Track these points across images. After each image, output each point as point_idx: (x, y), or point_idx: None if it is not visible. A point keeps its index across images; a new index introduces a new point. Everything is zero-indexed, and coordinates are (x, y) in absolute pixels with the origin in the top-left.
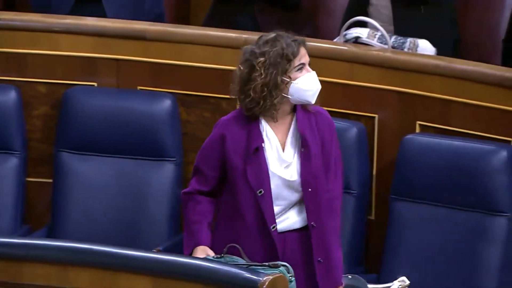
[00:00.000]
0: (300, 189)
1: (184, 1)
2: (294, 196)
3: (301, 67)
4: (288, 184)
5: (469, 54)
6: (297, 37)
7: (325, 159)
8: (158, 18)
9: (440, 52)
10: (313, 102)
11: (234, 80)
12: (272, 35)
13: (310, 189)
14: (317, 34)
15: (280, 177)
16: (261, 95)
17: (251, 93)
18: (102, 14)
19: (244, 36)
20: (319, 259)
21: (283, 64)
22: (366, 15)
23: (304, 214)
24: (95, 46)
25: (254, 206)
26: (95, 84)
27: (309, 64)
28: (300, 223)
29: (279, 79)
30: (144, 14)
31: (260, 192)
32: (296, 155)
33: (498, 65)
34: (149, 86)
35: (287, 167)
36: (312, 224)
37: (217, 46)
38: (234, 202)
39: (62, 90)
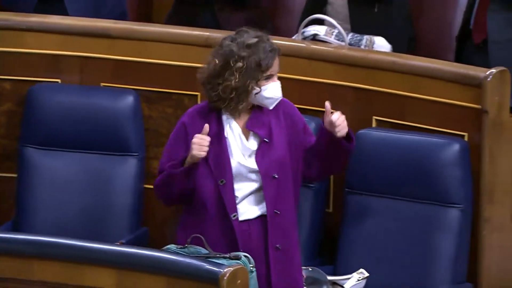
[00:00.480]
0: (260, 177)
1: (146, 0)
2: (256, 185)
3: (270, 77)
4: (250, 172)
5: (423, 51)
6: (275, 46)
7: (295, 147)
8: (120, 16)
9: (395, 49)
10: (270, 108)
11: (205, 66)
12: (254, 40)
13: (272, 178)
14: (276, 31)
15: (242, 166)
16: (229, 96)
17: (219, 90)
18: (64, 13)
19: (206, 34)
20: (277, 245)
21: (257, 74)
22: (323, 13)
23: (264, 203)
24: (60, 44)
25: (215, 195)
26: (59, 81)
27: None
28: (261, 211)
29: (250, 86)
30: (106, 13)
31: (222, 181)
32: (258, 144)
33: (452, 61)
34: (112, 83)
35: (250, 155)
36: (275, 212)
37: (180, 43)
38: (197, 192)
39: (27, 87)
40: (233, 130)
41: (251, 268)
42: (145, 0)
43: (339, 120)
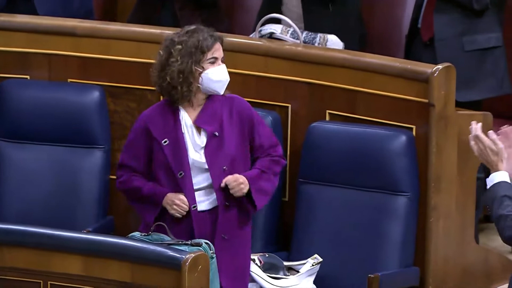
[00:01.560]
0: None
1: (110, 0)
2: (210, 178)
3: (213, 60)
4: (202, 166)
5: (374, 48)
6: (215, 33)
7: (251, 137)
8: (87, 15)
9: (347, 46)
10: (221, 92)
11: (154, 65)
12: (192, 27)
13: (222, 171)
14: (233, 30)
15: (195, 160)
16: (177, 81)
17: (168, 78)
18: (34, 12)
19: (166, 32)
20: (224, 235)
21: (198, 55)
22: (279, 13)
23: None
24: (28, 41)
25: (176, 188)
26: (28, 77)
27: (223, 61)
28: (216, 203)
29: (193, 68)
30: (73, 12)
31: (181, 174)
32: (207, 139)
33: (402, 58)
34: (78, 79)
35: (201, 149)
36: (226, 204)
37: (142, 41)
38: (159, 184)
39: None
40: (187, 125)
41: (212, 254)
42: None
43: (231, 185)
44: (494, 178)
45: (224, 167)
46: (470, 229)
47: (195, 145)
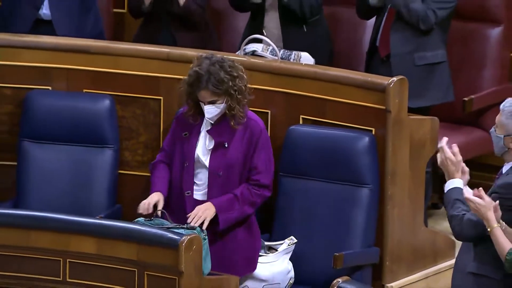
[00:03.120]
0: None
1: (118, 23)
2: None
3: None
4: (204, 164)
5: (340, 64)
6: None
7: (249, 157)
8: (98, 36)
9: (318, 61)
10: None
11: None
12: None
13: (217, 175)
14: (222, 48)
15: (200, 158)
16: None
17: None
18: (54, 33)
19: (166, 50)
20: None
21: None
22: (261, 34)
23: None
24: (50, 58)
25: (180, 174)
26: (50, 88)
27: None
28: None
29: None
30: (87, 33)
31: (186, 164)
32: (214, 146)
33: (363, 71)
34: (92, 89)
35: (208, 153)
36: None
37: (145, 57)
38: (172, 168)
39: (24, 92)
40: (204, 133)
41: (204, 236)
42: (118, 22)
43: (190, 218)
44: (450, 184)
45: (220, 173)
46: (420, 215)
47: (204, 147)
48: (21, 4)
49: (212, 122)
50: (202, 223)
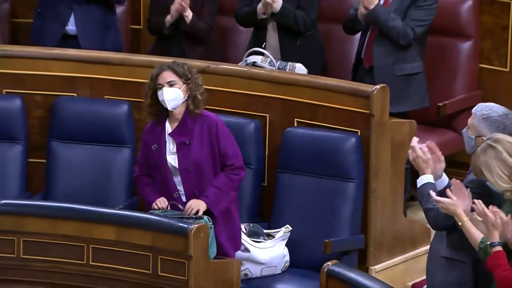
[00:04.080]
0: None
1: (135, 37)
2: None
3: (160, 86)
4: (176, 166)
5: (330, 73)
6: (166, 63)
7: (216, 148)
8: (118, 49)
9: (310, 71)
10: (169, 108)
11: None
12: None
13: (187, 170)
14: (227, 60)
15: (170, 163)
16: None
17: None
18: (79, 47)
19: (177, 61)
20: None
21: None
22: (263, 48)
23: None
24: (75, 68)
25: (162, 181)
26: (75, 94)
27: (172, 84)
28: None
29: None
30: (108, 47)
31: (163, 171)
32: (177, 147)
33: (350, 80)
34: (112, 96)
35: (173, 154)
36: (195, 193)
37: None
38: (153, 177)
39: (53, 99)
40: (168, 138)
41: (211, 225)
42: (135, 37)
43: (184, 212)
44: (422, 180)
45: (190, 168)
46: (400, 206)
47: (169, 150)
48: (50, 21)
49: (172, 109)
50: (197, 211)
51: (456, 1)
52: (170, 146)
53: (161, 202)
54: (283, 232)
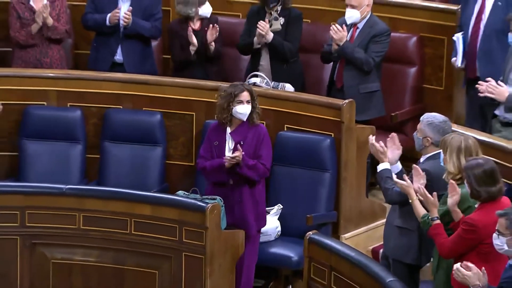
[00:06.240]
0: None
1: (166, 64)
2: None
3: (240, 102)
4: None
5: (310, 91)
6: (245, 84)
7: (257, 150)
8: (153, 73)
9: (296, 90)
10: (244, 119)
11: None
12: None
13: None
14: (232, 80)
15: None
16: (220, 112)
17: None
18: (124, 71)
19: (197, 82)
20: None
21: (230, 98)
22: (258, 70)
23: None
24: (121, 87)
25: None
26: (121, 107)
27: (248, 102)
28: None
29: (226, 105)
30: (147, 71)
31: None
32: (234, 145)
33: (325, 96)
34: (149, 108)
35: (230, 151)
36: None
37: (183, 87)
38: None
39: (104, 110)
40: (228, 137)
41: (222, 204)
42: (166, 64)
43: (231, 156)
44: (381, 166)
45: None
46: (363, 190)
47: (228, 146)
48: (102, 52)
49: (244, 119)
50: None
51: (404, 37)
52: (229, 143)
53: (227, 158)
54: (276, 209)
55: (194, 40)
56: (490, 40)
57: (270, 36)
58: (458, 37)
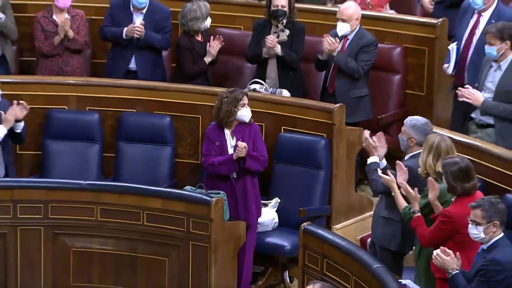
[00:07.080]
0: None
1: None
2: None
3: (243, 105)
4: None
5: (309, 97)
6: (244, 90)
7: (254, 145)
8: (163, 80)
9: (296, 95)
10: (247, 121)
11: (215, 107)
12: (231, 89)
13: (239, 158)
14: (234, 87)
15: (230, 152)
16: (224, 116)
17: (221, 114)
18: (137, 78)
19: (203, 88)
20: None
21: (235, 102)
22: (266, 77)
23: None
24: (135, 93)
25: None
26: (134, 110)
27: (248, 105)
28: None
29: (232, 109)
30: (157, 78)
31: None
32: (235, 142)
33: (318, 101)
34: (159, 111)
35: (232, 147)
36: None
37: (190, 92)
38: None
39: (119, 113)
40: (228, 137)
41: (225, 198)
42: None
43: (237, 147)
44: (370, 160)
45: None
46: (352, 186)
47: (230, 144)
48: (118, 61)
49: (247, 121)
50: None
51: (390, 48)
52: (231, 141)
53: (240, 147)
54: (273, 202)
55: (214, 51)
56: (480, 54)
57: (278, 48)
58: (453, 47)
